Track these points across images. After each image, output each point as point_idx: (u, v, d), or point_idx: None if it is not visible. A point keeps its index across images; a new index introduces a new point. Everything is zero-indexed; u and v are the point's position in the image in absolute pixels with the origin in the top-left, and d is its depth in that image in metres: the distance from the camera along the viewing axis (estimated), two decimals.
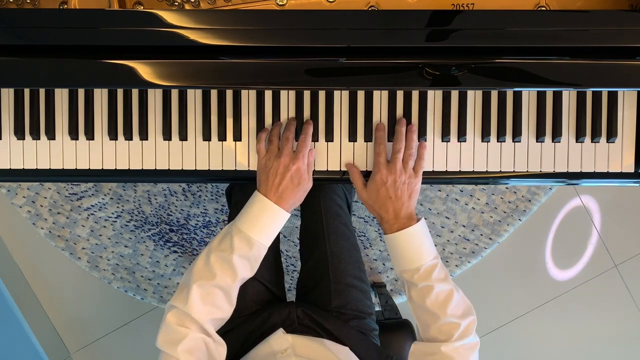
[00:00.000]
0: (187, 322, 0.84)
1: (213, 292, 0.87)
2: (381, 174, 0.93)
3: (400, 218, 0.92)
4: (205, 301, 0.86)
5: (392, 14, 0.86)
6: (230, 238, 0.89)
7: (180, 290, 0.87)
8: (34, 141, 0.99)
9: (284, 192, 0.91)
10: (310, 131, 0.95)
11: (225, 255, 0.88)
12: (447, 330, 0.87)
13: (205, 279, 0.87)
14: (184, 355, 0.80)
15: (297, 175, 0.91)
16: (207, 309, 0.86)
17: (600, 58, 0.85)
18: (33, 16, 0.84)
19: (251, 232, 0.89)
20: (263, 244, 0.91)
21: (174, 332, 0.83)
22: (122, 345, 1.81)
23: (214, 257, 0.88)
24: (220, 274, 0.87)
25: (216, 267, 0.87)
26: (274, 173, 0.91)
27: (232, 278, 0.88)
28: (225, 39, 0.83)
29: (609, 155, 0.98)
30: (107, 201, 1.72)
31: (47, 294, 1.80)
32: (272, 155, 0.93)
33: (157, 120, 0.99)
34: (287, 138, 0.93)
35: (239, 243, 0.89)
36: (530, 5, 0.93)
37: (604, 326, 1.83)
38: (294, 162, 0.91)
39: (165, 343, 0.83)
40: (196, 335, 0.83)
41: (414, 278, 0.90)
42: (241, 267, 0.89)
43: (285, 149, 0.92)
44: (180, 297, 0.86)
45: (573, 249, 1.82)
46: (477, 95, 0.98)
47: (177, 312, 0.85)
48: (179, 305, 0.85)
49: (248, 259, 0.90)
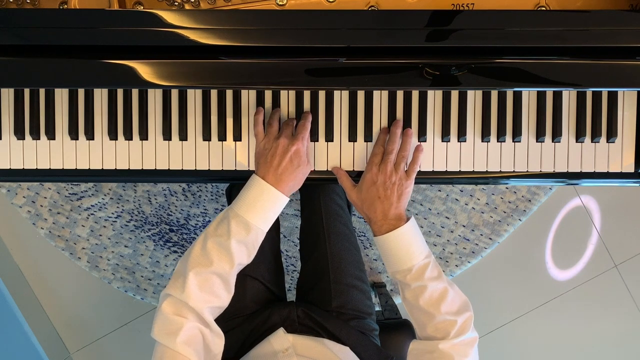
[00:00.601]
0: (184, 311, 0.82)
1: (211, 279, 0.84)
2: (371, 173, 0.93)
3: (388, 219, 0.91)
4: (203, 289, 0.83)
5: (392, 14, 0.86)
6: (227, 223, 0.87)
7: (175, 278, 0.85)
8: (34, 141, 0.99)
9: (282, 174, 0.89)
10: (310, 118, 0.95)
11: (222, 240, 0.86)
12: (444, 328, 0.87)
13: (202, 265, 0.84)
14: (182, 347, 0.78)
15: (296, 157, 0.90)
16: (204, 296, 0.83)
17: (600, 58, 0.85)
18: (33, 16, 0.84)
19: (249, 216, 0.87)
20: (261, 228, 0.88)
21: (170, 322, 0.81)
22: (122, 345, 1.81)
23: (210, 243, 0.86)
24: (218, 261, 0.85)
25: (213, 254, 0.85)
26: (273, 154, 0.89)
27: (229, 264, 0.86)
28: (225, 39, 0.83)
29: (609, 155, 0.98)
30: (107, 201, 1.72)
31: (47, 294, 1.80)
32: (271, 138, 0.91)
33: (157, 120, 0.99)
34: (288, 123, 0.93)
35: (236, 227, 0.86)
36: (530, 5, 0.93)
37: (603, 326, 1.84)
38: (293, 143, 0.90)
39: (162, 334, 0.80)
40: (193, 324, 0.81)
41: (406, 278, 0.90)
42: (238, 252, 0.86)
43: (285, 131, 0.91)
44: (176, 285, 0.83)
45: (573, 249, 1.82)
46: (477, 95, 0.98)
47: (174, 301, 0.82)
48: (175, 294, 0.83)
49: (245, 244, 0.87)
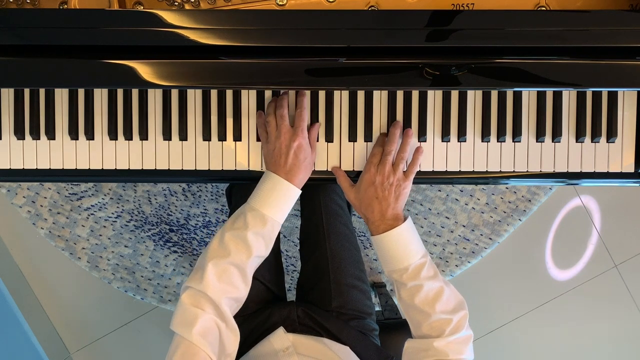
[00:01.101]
0: (202, 302, 0.83)
1: (228, 269, 0.86)
2: (370, 173, 0.93)
3: (386, 219, 0.92)
4: (221, 279, 0.85)
5: (392, 14, 0.86)
6: (244, 216, 0.90)
7: (195, 271, 0.87)
8: (34, 141, 0.99)
9: (291, 170, 0.91)
10: (305, 103, 0.95)
11: (239, 232, 0.88)
12: (439, 327, 0.87)
13: (219, 257, 0.86)
14: (197, 338, 0.80)
15: (300, 151, 0.92)
16: (222, 286, 0.85)
17: (600, 58, 0.85)
18: (33, 16, 0.84)
19: (264, 209, 0.90)
20: (277, 220, 0.91)
21: (188, 313, 0.82)
22: (122, 345, 1.81)
23: (228, 235, 0.88)
24: (235, 251, 0.87)
25: (231, 245, 0.87)
26: (279, 153, 0.92)
27: (246, 254, 0.88)
28: (225, 39, 0.83)
29: (609, 155, 0.98)
30: (107, 201, 1.72)
31: (47, 294, 1.80)
32: (272, 138, 0.93)
33: (157, 120, 0.99)
34: (282, 116, 0.93)
35: (252, 220, 0.89)
36: (530, 5, 0.93)
37: (604, 326, 1.83)
38: (294, 139, 0.92)
39: (179, 325, 0.82)
40: (210, 317, 0.83)
41: (402, 278, 0.90)
42: (256, 244, 0.88)
43: (282, 127, 0.92)
44: (196, 277, 0.86)
45: (573, 249, 1.82)
46: (477, 95, 0.98)
47: (192, 292, 0.84)
48: (193, 285, 0.85)
49: (262, 236, 0.90)
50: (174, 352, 0.80)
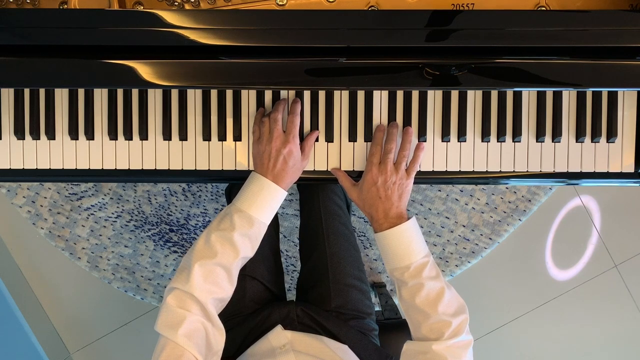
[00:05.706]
0: (189, 303, 0.83)
1: (215, 270, 0.86)
2: (372, 173, 0.93)
3: (389, 217, 0.92)
4: (207, 280, 0.85)
5: (392, 14, 0.86)
6: (230, 217, 0.89)
7: (180, 272, 0.86)
8: (34, 141, 0.99)
9: (279, 174, 0.92)
10: (298, 109, 0.95)
11: (225, 233, 0.88)
12: (438, 329, 0.87)
13: (206, 257, 0.86)
14: (182, 340, 0.79)
15: (290, 157, 0.92)
16: (209, 287, 0.85)
17: (600, 58, 0.85)
18: (33, 16, 0.84)
19: (251, 211, 0.90)
20: (263, 221, 0.91)
21: (173, 314, 0.82)
22: (122, 345, 1.81)
23: (214, 236, 0.88)
24: (222, 252, 0.87)
25: (217, 246, 0.87)
26: (268, 157, 0.92)
27: (233, 255, 0.88)
28: (225, 39, 0.83)
29: (609, 155, 0.98)
30: (107, 201, 1.72)
31: (47, 294, 1.80)
32: (264, 140, 0.93)
33: (157, 120, 0.99)
34: (275, 119, 0.93)
35: (239, 221, 0.89)
36: (530, 5, 0.93)
37: (603, 326, 1.83)
38: (284, 145, 0.92)
39: (164, 326, 0.81)
40: (196, 318, 0.82)
41: (404, 276, 0.90)
42: (242, 245, 0.89)
43: (274, 131, 0.92)
44: (181, 278, 0.85)
45: (573, 249, 1.82)
46: (477, 95, 0.98)
47: (178, 294, 0.84)
48: (179, 286, 0.84)
49: (249, 237, 0.90)
50: (159, 353, 0.80)
